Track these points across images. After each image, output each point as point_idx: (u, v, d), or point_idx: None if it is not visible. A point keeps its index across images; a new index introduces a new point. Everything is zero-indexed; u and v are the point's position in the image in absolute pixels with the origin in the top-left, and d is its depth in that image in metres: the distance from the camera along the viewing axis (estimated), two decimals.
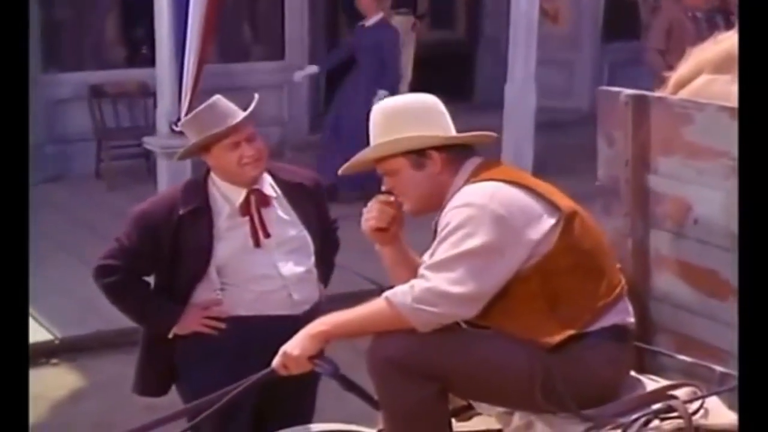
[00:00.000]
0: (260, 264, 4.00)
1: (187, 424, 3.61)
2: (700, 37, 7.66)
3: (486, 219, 3.12)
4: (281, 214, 4.08)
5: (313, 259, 4.13)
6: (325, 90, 12.07)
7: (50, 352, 6.55)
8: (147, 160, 9.89)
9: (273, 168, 4.16)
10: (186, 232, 3.96)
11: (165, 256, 3.99)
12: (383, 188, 3.44)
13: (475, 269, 3.10)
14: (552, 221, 3.17)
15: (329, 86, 12.04)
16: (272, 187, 4.10)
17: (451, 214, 3.18)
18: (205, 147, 3.98)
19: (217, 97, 4.01)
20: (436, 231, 3.26)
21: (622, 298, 3.31)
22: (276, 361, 3.30)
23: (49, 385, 6.16)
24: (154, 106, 8.53)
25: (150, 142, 8.36)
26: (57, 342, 6.62)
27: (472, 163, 3.35)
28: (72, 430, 5.55)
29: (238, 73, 10.08)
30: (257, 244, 4.00)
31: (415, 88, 9.57)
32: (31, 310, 6.70)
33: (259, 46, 11.81)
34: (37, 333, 6.59)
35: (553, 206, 3.20)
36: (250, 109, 4.01)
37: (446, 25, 13.34)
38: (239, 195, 4.02)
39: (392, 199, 3.41)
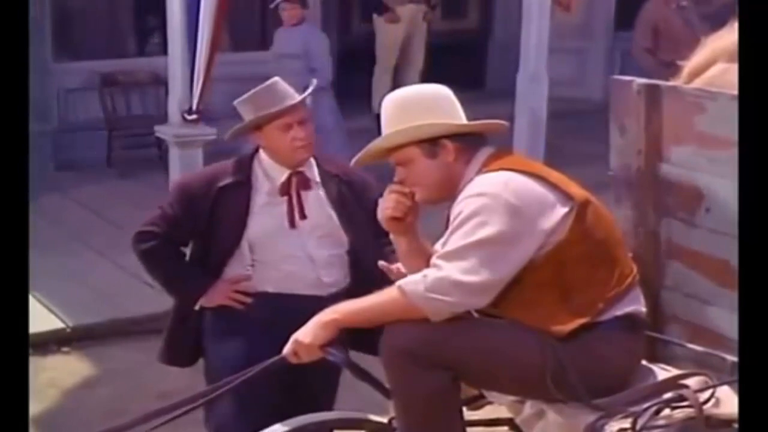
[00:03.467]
0: (292, 245, 4.03)
1: (200, 412, 3.61)
2: (690, 27, 7.60)
3: (499, 208, 3.12)
4: (320, 200, 4.10)
5: (345, 248, 4.13)
6: (337, 81, 12.05)
7: (62, 340, 6.53)
8: (158, 149, 9.87)
9: (320, 158, 4.19)
10: (223, 205, 4.03)
11: (201, 228, 4.04)
12: (395, 179, 3.44)
13: (487, 258, 3.10)
14: (565, 210, 3.17)
15: (341, 77, 12.03)
16: (316, 174, 4.13)
17: (464, 204, 3.18)
18: (257, 126, 4.01)
19: (276, 79, 4.06)
20: (448, 221, 3.27)
21: (634, 287, 3.31)
22: (287, 349, 3.31)
23: (60, 373, 6.17)
24: (166, 95, 8.51)
25: (162, 131, 8.35)
26: (68, 330, 6.60)
27: (485, 152, 3.35)
28: (83, 417, 5.54)
29: (251, 62, 10.07)
30: (292, 224, 4.04)
31: (426, 77, 9.56)
32: (43, 298, 6.73)
33: (271, 36, 11.79)
34: (49, 321, 6.61)
35: (565, 195, 3.20)
36: (308, 92, 4.09)
37: (458, 15, 13.31)
38: (282, 174, 4.06)
39: (408, 189, 3.42)
